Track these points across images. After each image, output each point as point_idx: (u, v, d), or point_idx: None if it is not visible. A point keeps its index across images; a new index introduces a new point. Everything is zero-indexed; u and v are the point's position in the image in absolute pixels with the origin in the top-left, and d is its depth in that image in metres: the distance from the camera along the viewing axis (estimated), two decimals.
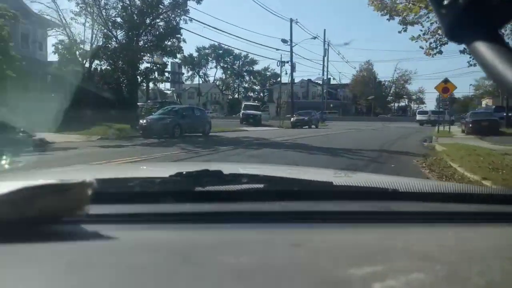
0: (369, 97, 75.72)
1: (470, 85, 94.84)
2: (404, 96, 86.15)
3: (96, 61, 22.67)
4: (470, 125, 20.30)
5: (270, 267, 0.53)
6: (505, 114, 23.95)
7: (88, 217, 0.66)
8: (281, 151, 11.03)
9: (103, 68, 23.38)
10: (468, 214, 0.90)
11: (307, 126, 30.76)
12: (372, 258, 0.56)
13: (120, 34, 22.38)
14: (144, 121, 16.83)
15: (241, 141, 15.07)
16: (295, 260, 0.56)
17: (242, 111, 34.06)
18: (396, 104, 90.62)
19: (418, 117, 44.90)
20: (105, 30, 22.27)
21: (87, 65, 22.36)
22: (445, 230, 0.78)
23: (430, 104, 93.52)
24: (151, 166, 2.93)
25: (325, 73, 43.54)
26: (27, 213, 0.59)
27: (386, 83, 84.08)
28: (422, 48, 10.31)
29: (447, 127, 26.95)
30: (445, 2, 0.42)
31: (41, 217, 0.61)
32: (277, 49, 31.68)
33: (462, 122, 22.75)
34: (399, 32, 10.17)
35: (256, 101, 49.23)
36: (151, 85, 26.11)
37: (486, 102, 73.79)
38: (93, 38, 22.62)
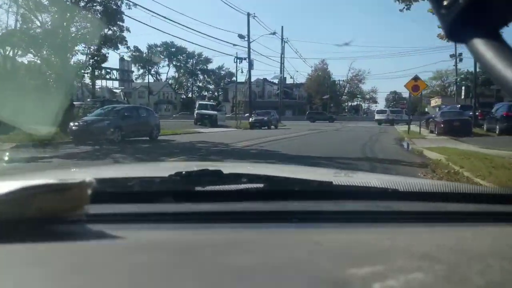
0: (324, 97, 75.32)
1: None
2: (358, 96, 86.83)
3: (19, 51, 18.38)
4: (442, 125, 18.65)
5: (270, 267, 0.53)
6: (471, 113, 23.18)
7: (88, 217, 0.66)
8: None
9: (29, 60, 19.34)
10: (468, 214, 0.90)
11: (266, 127, 28.86)
12: (372, 258, 0.56)
13: (45, 17, 18.04)
14: (76, 123, 13.70)
15: (196, 148, 12.70)
16: (295, 260, 0.56)
17: (197, 111, 31.39)
18: (351, 104, 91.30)
19: (377, 116, 44.57)
20: (23, 11, 17.90)
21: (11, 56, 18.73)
22: (445, 230, 0.79)
23: (381, 103, 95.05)
24: (151, 166, 2.72)
25: (282, 71, 42.06)
26: (26, 213, 0.59)
27: (341, 82, 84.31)
28: (401, 11, 9.96)
29: (406, 126, 26.15)
30: (445, 2, 0.42)
31: (41, 217, 0.61)
32: (234, 45, 29.85)
33: (431, 122, 21.25)
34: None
35: (212, 100, 46.45)
36: (97, 82, 22.71)
37: (435, 101, 75.45)
38: (16, 24, 18.45)
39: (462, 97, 45.32)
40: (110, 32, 19.14)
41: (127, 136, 14.23)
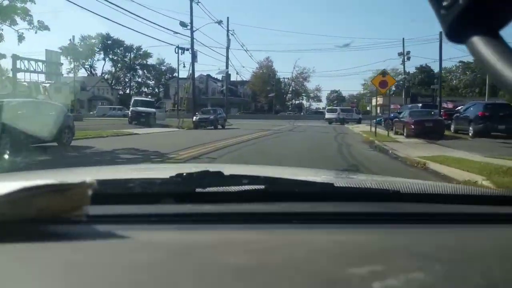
0: (270, 95, 73.37)
1: (362, 84, 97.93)
2: (303, 94, 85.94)
3: None
4: (412, 126, 16.36)
5: (270, 267, 0.53)
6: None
7: (88, 218, 0.66)
8: None
9: None
10: (468, 215, 0.90)
11: (212, 127, 25.53)
12: (372, 258, 0.56)
13: None
14: None
15: (119, 159, 9.22)
16: (295, 261, 0.56)
17: (132, 108, 27.28)
18: (295, 102, 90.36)
19: (327, 115, 43.15)
20: None
21: None
22: (445, 231, 0.79)
23: (323, 102, 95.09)
24: (152, 167, 2.77)
25: (228, 65, 38.92)
26: (27, 213, 0.59)
27: (285, 80, 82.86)
28: None
29: (358, 125, 24.39)
30: (445, 3, 0.42)
31: (41, 217, 0.61)
32: (175, 32, 26.03)
33: (395, 122, 18.66)
34: None
35: (150, 96, 41.40)
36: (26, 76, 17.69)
37: (377, 100, 75.66)
38: None
39: (403, 95, 44.70)
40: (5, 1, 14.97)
41: (19, 143, 9.61)
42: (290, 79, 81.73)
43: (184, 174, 0.93)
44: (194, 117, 26.70)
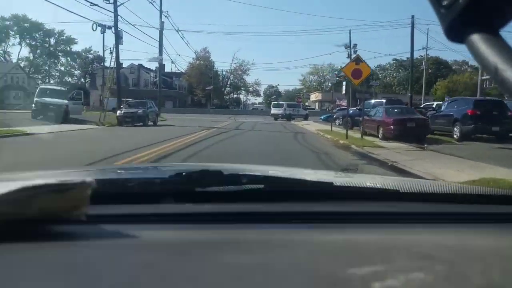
0: (207, 88, 69.14)
1: (300, 80, 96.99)
2: (242, 88, 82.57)
3: None
4: (391, 126, 13.27)
5: (270, 267, 0.53)
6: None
7: (88, 218, 0.66)
8: None
9: None
10: (468, 214, 0.90)
11: (141, 123, 20.45)
12: (372, 258, 0.56)
13: None
14: None
15: None
16: (294, 260, 0.56)
17: (36, 99, 21.67)
18: (233, 96, 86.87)
19: (274, 110, 40.06)
20: None
21: None
22: (445, 230, 0.79)
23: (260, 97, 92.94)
24: (151, 167, 2.72)
25: (162, 52, 33.70)
26: (27, 213, 0.59)
27: (224, 73, 78.97)
28: None
29: (306, 122, 21.75)
30: (445, 2, 0.42)
31: (41, 217, 0.61)
32: (92, 4, 19.31)
33: (365, 121, 14.56)
34: None
35: (61, 86, 34.07)
36: None
37: (316, 96, 74.59)
38: None
39: (343, 92, 43.41)
40: None
41: None
42: (229, 72, 77.95)
43: (184, 173, 0.93)
44: (118, 111, 21.26)
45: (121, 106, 22.77)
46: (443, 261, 0.54)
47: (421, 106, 27.56)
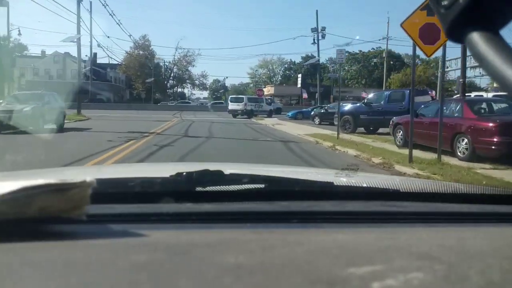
0: (148, 80, 61.18)
1: (248, 72, 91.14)
2: (187, 81, 75.05)
3: None
4: (497, 136, 7.10)
5: (270, 266, 0.53)
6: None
7: (89, 217, 0.66)
8: None
9: None
10: (468, 214, 0.90)
11: (31, 128, 12.21)
12: (371, 257, 0.56)
13: None
14: None
15: None
16: (294, 260, 0.56)
17: None
18: (177, 90, 79.25)
19: (231, 106, 33.91)
20: None
21: None
22: (445, 230, 0.79)
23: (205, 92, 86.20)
24: (151, 166, 2.78)
25: (80, 29, 25.67)
26: (27, 212, 0.59)
27: (166, 64, 71.07)
28: None
29: (269, 120, 16.24)
30: (445, 2, 0.42)
31: (41, 217, 0.61)
32: None
33: (418, 124, 8.46)
34: None
35: None
36: None
37: (268, 89, 69.14)
38: None
39: (299, 85, 38.31)
40: None
41: None
42: (172, 63, 70.18)
43: (184, 173, 0.93)
44: None
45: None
46: (442, 261, 0.54)
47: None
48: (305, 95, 43.29)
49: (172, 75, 70.48)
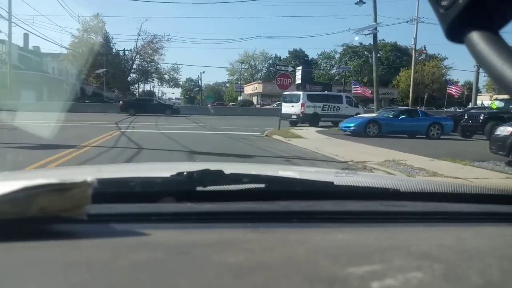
0: (98, 71, 45.84)
1: (228, 69, 77.61)
2: (154, 75, 60.02)
3: None
4: None
5: (270, 266, 0.53)
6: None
7: (89, 217, 0.66)
8: None
9: None
10: (468, 214, 0.91)
11: None
12: (371, 257, 0.57)
13: None
14: None
15: None
16: (294, 259, 0.57)
17: None
18: (143, 87, 64.35)
19: (286, 108, 19.72)
20: None
21: None
22: (445, 229, 0.79)
23: (176, 91, 72.10)
24: (152, 166, 2.67)
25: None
26: (28, 212, 0.59)
27: (127, 52, 55.86)
28: None
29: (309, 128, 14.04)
30: (444, 3, 0.42)
31: (42, 217, 0.61)
32: None
33: None
34: None
35: None
36: None
37: (254, 87, 54.59)
38: None
39: (298, 81, 25.97)
40: None
41: None
42: (134, 51, 55.04)
43: (185, 173, 0.93)
44: None
45: None
46: (442, 261, 0.55)
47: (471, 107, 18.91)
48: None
49: (134, 66, 55.31)
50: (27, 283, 0.47)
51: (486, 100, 60.32)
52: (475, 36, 0.40)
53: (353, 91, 18.26)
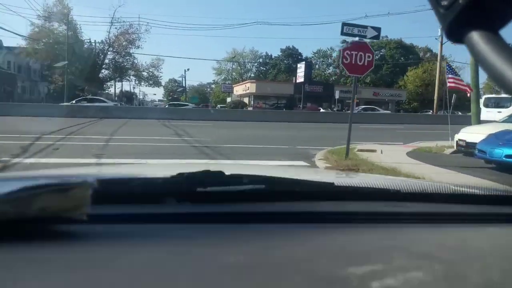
0: (58, 65, 37.94)
1: (215, 68, 70.63)
2: (130, 71, 51.81)
3: None
4: None
5: (270, 266, 0.53)
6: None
7: (89, 217, 0.66)
8: None
9: None
10: (468, 214, 0.91)
11: None
12: (371, 257, 0.57)
13: None
14: None
15: None
16: (294, 260, 0.57)
17: None
18: (120, 85, 56.34)
19: (487, 113, 15.49)
20: None
21: None
22: (445, 230, 0.80)
23: (159, 92, 64.11)
24: (152, 167, 2.68)
25: None
26: (27, 212, 0.59)
27: (98, 44, 47.61)
28: None
29: None
30: (445, 2, 0.42)
31: (42, 217, 0.61)
32: None
33: None
34: None
35: None
36: None
37: (245, 87, 47.87)
38: None
39: (301, 79, 27.32)
40: None
41: None
42: (105, 43, 46.80)
43: (185, 173, 0.93)
44: None
45: None
46: (442, 261, 0.55)
47: None
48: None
49: (106, 61, 47.12)
50: (27, 284, 0.47)
51: None
52: (475, 36, 0.40)
53: (447, 83, 10.92)
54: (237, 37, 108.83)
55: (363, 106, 35.32)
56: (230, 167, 1.31)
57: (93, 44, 46.13)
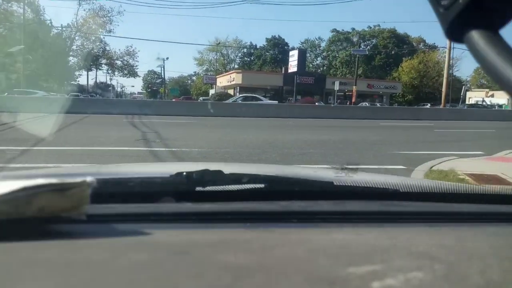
0: (13, 49, 33.08)
1: (196, 59, 66.12)
2: (101, 59, 46.52)
3: None
4: None
5: (270, 266, 0.53)
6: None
7: (88, 217, 0.66)
8: None
9: None
10: (468, 214, 0.90)
11: None
12: (371, 257, 0.57)
13: None
14: None
15: None
16: (294, 260, 0.57)
17: None
18: (96, 76, 51.00)
19: None
20: None
21: None
22: (445, 229, 0.79)
23: (138, 83, 59.36)
24: (151, 166, 2.60)
25: None
26: (27, 212, 0.59)
27: (64, 29, 42.26)
28: None
29: None
30: (445, 2, 0.42)
31: (41, 217, 0.61)
32: None
33: None
34: None
35: None
36: None
37: (230, 78, 43.33)
38: None
39: (293, 68, 25.97)
40: None
41: None
42: (73, 26, 41.48)
43: (184, 173, 0.93)
44: None
45: None
46: (442, 261, 0.55)
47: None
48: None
49: (73, 47, 41.86)
50: (27, 284, 0.47)
51: (480, 96, 50.08)
52: (475, 36, 0.40)
53: None
54: (223, 18, 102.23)
55: (243, 95, 27.93)
56: (229, 166, 1.24)
57: (59, 29, 40.80)
